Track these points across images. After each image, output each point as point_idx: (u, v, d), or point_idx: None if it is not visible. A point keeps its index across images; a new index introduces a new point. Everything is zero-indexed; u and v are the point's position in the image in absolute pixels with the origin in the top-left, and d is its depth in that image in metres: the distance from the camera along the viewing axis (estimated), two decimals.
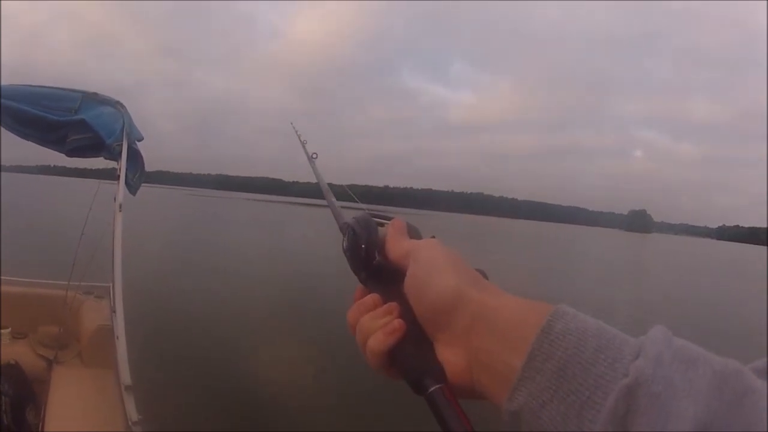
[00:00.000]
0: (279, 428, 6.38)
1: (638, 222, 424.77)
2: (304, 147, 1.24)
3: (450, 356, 0.58)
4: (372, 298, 0.67)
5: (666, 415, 0.40)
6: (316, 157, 1.20)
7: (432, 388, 0.56)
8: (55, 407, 3.66)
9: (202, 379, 7.41)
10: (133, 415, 3.40)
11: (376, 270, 0.72)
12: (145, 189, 5.13)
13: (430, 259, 0.63)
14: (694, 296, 25.02)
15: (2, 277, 5.13)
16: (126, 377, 3.63)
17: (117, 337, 3.85)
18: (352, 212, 0.96)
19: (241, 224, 47.18)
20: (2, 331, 4.61)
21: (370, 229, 0.74)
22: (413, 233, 0.73)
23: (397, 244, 0.70)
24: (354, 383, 7.53)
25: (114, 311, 4.12)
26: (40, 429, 3.50)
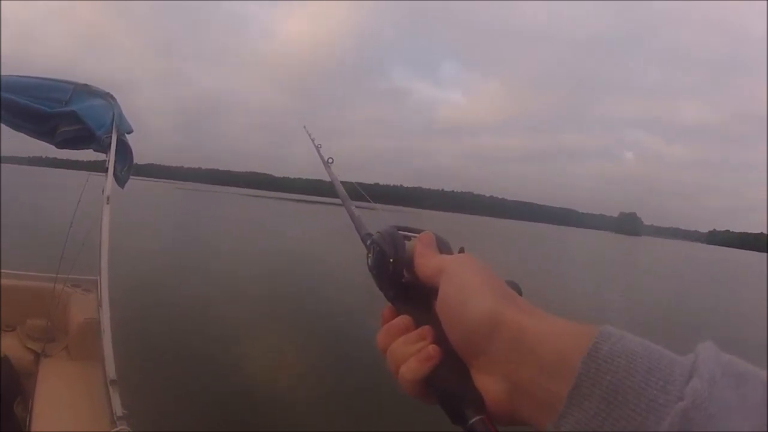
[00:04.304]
0: (265, 423, 6.37)
1: (628, 225, 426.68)
2: (318, 152, 1.21)
3: (488, 383, 0.54)
4: (403, 320, 0.63)
5: None
6: (332, 162, 1.15)
7: (473, 420, 0.53)
8: (43, 401, 3.64)
9: (188, 374, 7.39)
10: (118, 409, 3.38)
11: (405, 289, 0.68)
12: (134, 182, 5.11)
13: (464, 278, 0.59)
14: (682, 300, 25.14)
15: None
16: (111, 372, 3.62)
17: (103, 332, 3.84)
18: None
19: (229, 219, 47.00)
20: None
21: (398, 244, 0.69)
22: (443, 247, 0.68)
23: (426, 261, 0.65)
24: (342, 375, 7.56)
25: (100, 305, 4.11)
26: (28, 422, 3.49)
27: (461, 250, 0.69)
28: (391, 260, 0.68)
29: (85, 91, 4.59)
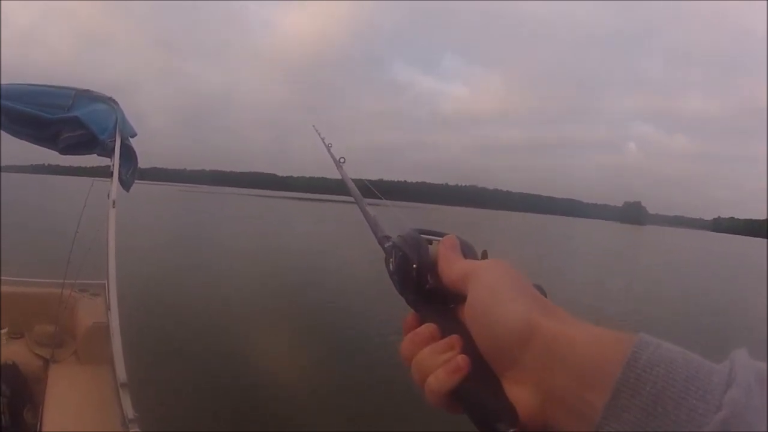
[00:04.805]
0: (277, 424, 6.39)
1: (633, 214, 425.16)
2: (329, 151, 1.18)
3: (520, 394, 0.51)
4: (428, 328, 0.60)
5: None
6: (344, 162, 1.11)
7: None
8: (53, 406, 3.65)
9: (198, 376, 7.42)
10: (129, 412, 3.40)
11: (429, 295, 0.64)
12: (138, 186, 5.12)
13: (494, 284, 0.56)
14: (688, 288, 25.07)
15: None
16: (122, 374, 3.63)
17: (112, 335, 3.85)
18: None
19: (235, 220, 47.08)
20: (0, 331, 4.60)
21: (421, 249, 0.66)
22: (467, 251, 0.65)
23: (451, 265, 0.62)
24: (350, 377, 7.56)
25: (109, 308, 4.12)
26: (38, 428, 3.50)
27: (484, 254, 0.67)
28: (415, 265, 0.65)
29: (86, 96, 4.60)
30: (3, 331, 4.63)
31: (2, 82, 4.44)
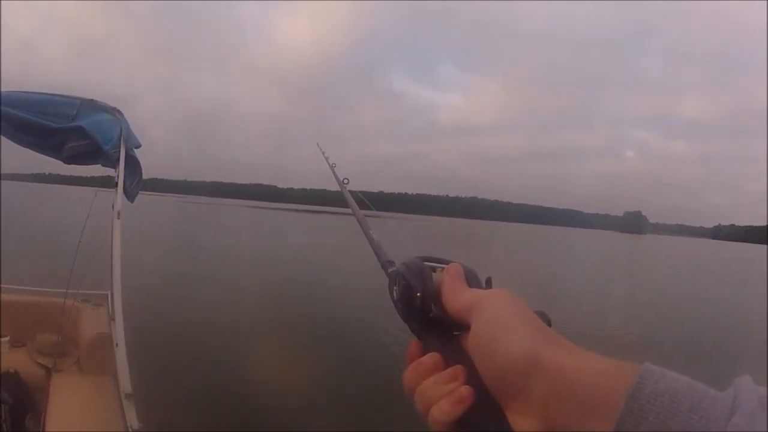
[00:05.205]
0: None
1: (633, 223, 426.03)
2: (333, 171, 1.18)
3: (525, 425, 0.51)
4: (432, 358, 0.60)
5: None
6: (348, 183, 1.11)
7: None
8: (55, 415, 3.64)
9: (202, 387, 7.40)
10: (134, 422, 3.39)
11: (433, 324, 0.65)
12: (138, 196, 5.13)
13: (499, 315, 0.56)
14: (691, 297, 25.02)
15: (1, 286, 5.11)
16: (126, 385, 3.62)
17: (116, 345, 3.85)
18: (352, 220, 0.94)
19: (237, 232, 47.11)
20: (1, 339, 4.59)
21: (425, 277, 0.65)
22: (471, 279, 0.65)
23: (456, 295, 0.62)
24: (354, 389, 7.54)
25: (113, 319, 4.12)
26: None
27: (488, 281, 0.66)
28: (419, 294, 0.65)
29: (91, 106, 4.60)
30: (5, 339, 4.62)
31: (5, 90, 4.45)
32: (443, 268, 0.66)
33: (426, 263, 0.68)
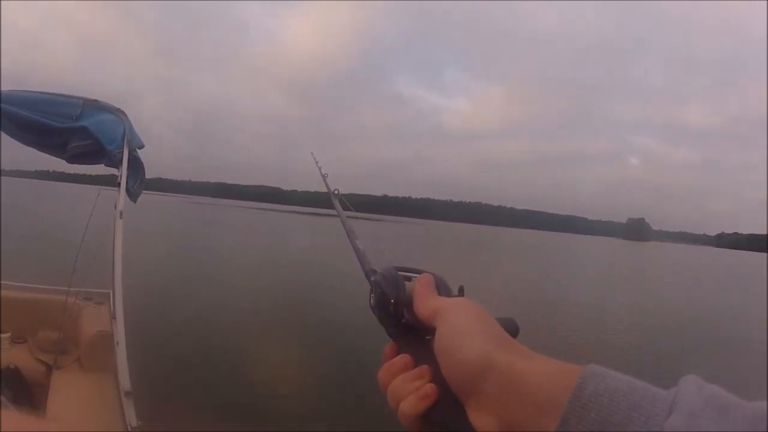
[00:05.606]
0: None
1: (636, 230, 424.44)
2: (325, 181, 1.22)
3: (481, 420, 0.56)
4: (402, 359, 0.67)
5: None
6: (338, 193, 1.16)
7: None
8: (55, 412, 3.67)
9: (201, 386, 7.41)
10: (133, 420, 3.41)
11: (406, 328, 0.71)
12: (143, 196, 5.14)
13: (459, 322, 0.62)
14: (693, 305, 24.95)
15: (2, 282, 5.14)
16: (126, 383, 3.64)
17: (117, 343, 3.86)
18: (356, 222, 0.97)
19: (239, 232, 47.11)
20: (2, 335, 4.61)
21: (398, 285, 0.72)
22: (442, 288, 0.71)
23: (424, 302, 0.68)
24: (353, 389, 7.54)
25: (114, 317, 4.14)
26: None
27: (461, 290, 0.72)
28: (392, 301, 0.71)
29: (95, 106, 4.61)
30: (5, 335, 4.65)
31: (7, 89, 4.47)
32: (416, 278, 0.73)
33: (400, 273, 0.74)
